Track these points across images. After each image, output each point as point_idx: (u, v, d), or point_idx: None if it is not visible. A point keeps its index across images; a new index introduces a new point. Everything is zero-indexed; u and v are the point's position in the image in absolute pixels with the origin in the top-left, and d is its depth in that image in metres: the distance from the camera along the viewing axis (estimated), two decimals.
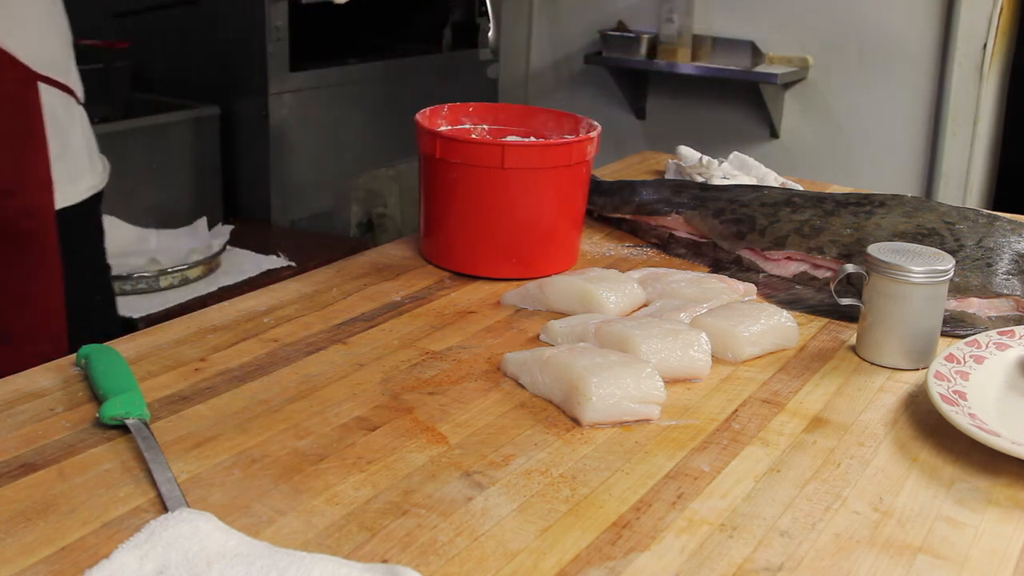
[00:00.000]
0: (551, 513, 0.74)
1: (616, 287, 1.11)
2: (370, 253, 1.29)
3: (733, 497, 0.78)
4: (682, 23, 3.40)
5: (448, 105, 1.33)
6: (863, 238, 1.19)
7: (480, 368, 0.98)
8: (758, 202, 1.32)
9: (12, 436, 0.81)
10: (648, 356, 0.94)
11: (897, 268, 0.98)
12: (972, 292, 1.11)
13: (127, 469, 0.77)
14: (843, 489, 0.79)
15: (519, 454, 0.82)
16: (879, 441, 0.87)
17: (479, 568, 0.68)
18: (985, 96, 3.09)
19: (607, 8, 3.60)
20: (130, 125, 2.47)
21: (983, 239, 1.18)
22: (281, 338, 1.03)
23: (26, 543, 0.68)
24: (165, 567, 0.63)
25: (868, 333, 1.03)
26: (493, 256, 1.21)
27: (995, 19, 3.03)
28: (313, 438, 0.84)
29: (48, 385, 0.90)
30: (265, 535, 0.70)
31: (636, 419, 0.88)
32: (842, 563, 0.70)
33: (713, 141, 3.14)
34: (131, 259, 2.27)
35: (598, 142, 1.24)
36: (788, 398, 0.94)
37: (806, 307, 1.15)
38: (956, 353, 0.97)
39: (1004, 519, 0.77)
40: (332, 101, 2.97)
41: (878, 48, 3.20)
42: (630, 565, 0.69)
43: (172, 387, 0.91)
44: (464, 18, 3.42)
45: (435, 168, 1.21)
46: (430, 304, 1.14)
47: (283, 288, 1.16)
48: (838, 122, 3.33)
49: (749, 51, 3.30)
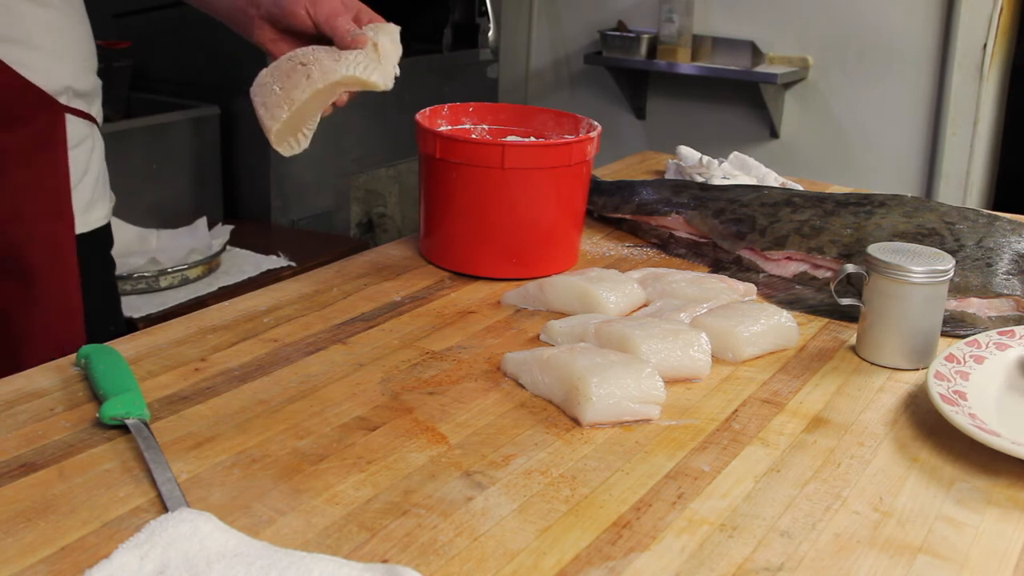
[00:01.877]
0: (551, 513, 0.74)
1: (616, 287, 1.11)
2: (370, 253, 1.29)
3: (733, 497, 0.78)
4: (682, 23, 3.40)
5: (448, 105, 1.33)
6: (863, 238, 1.19)
7: (480, 368, 0.98)
8: (758, 202, 1.32)
9: (12, 436, 0.81)
10: (648, 356, 0.95)
11: (897, 268, 0.98)
12: (972, 292, 1.11)
13: (127, 469, 0.77)
14: (843, 489, 0.79)
15: (519, 454, 0.82)
16: (879, 441, 0.87)
17: (479, 568, 0.68)
18: (985, 96, 3.09)
19: (607, 8, 3.60)
20: (130, 125, 2.47)
21: (983, 239, 1.18)
22: (281, 338, 1.03)
23: (26, 543, 0.68)
24: (165, 567, 0.63)
25: (868, 333, 1.03)
26: (493, 256, 1.21)
27: (995, 19, 3.03)
28: (313, 438, 0.84)
29: (48, 385, 0.90)
30: (265, 535, 0.70)
31: (636, 419, 0.88)
32: (842, 563, 0.70)
33: (713, 141, 3.14)
34: (131, 259, 2.27)
35: (598, 142, 1.24)
36: (788, 398, 0.94)
37: (806, 307, 1.15)
38: (956, 353, 0.97)
39: (1004, 519, 0.77)
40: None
41: (878, 48, 3.20)
42: (630, 565, 0.69)
43: (172, 387, 0.91)
44: (464, 18, 3.42)
45: (435, 168, 1.21)
46: (430, 304, 1.14)
47: (283, 288, 1.16)
48: (838, 122, 3.33)
49: (749, 51, 3.30)
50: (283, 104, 1.05)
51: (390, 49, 1.08)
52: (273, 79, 1.06)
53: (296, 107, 1.05)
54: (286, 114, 1.05)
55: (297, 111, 1.06)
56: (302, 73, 1.05)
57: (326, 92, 1.06)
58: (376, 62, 1.06)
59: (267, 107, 1.06)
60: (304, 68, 1.05)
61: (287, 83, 1.05)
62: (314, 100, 1.06)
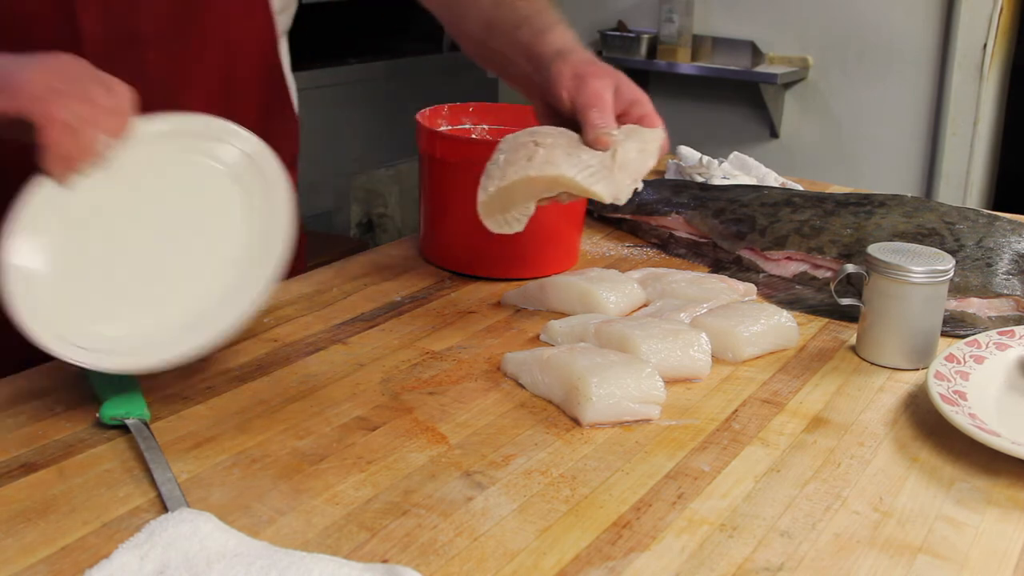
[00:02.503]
0: (551, 513, 0.74)
1: (616, 287, 1.11)
2: (370, 253, 1.29)
3: (733, 497, 0.78)
4: (682, 23, 3.40)
5: (448, 105, 1.33)
6: (863, 238, 1.19)
7: (480, 368, 0.98)
8: (758, 202, 1.32)
9: (12, 436, 0.81)
10: (648, 356, 0.94)
11: (897, 268, 0.98)
12: (972, 292, 1.11)
13: (127, 469, 0.77)
14: (843, 489, 0.79)
15: (519, 454, 0.82)
16: (879, 441, 0.87)
17: (479, 568, 0.68)
18: (985, 96, 3.10)
19: (607, 8, 3.60)
20: None
21: (983, 239, 1.18)
22: (281, 338, 1.03)
23: (26, 543, 0.68)
24: (165, 567, 0.63)
25: (868, 333, 1.03)
26: (493, 256, 1.21)
27: (995, 19, 3.03)
28: (313, 438, 0.84)
29: (48, 385, 0.90)
30: (265, 535, 0.70)
31: (636, 419, 0.88)
32: (842, 563, 0.70)
33: (713, 141, 3.14)
34: None
35: None
36: (788, 398, 0.94)
37: (806, 307, 1.15)
38: (956, 353, 0.97)
39: (1004, 519, 0.77)
40: (332, 101, 2.97)
41: (878, 48, 3.20)
42: (630, 565, 0.69)
43: (172, 387, 0.91)
44: None
45: (435, 168, 1.21)
46: (430, 304, 1.14)
47: (283, 288, 1.16)
48: (838, 122, 3.33)
49: (749, 51, 3.30)
50: (495, 177, 0.95)
51: (634, 159, 0.96)
52: (506, 147, 0.97)
53: (505, 185, 0.95)
54: (494, 188, 0.95)
55: (506, 189, 0.95)
56: (528, 153, 0.94)
57: (542, 183, 0.95)
58: (609, 170, 0.94)
59: (487, 173, 0.97)
60: (533, 148, 0.94)
61: (512, 157, 0.95)
62: (527, 185, 0.95)
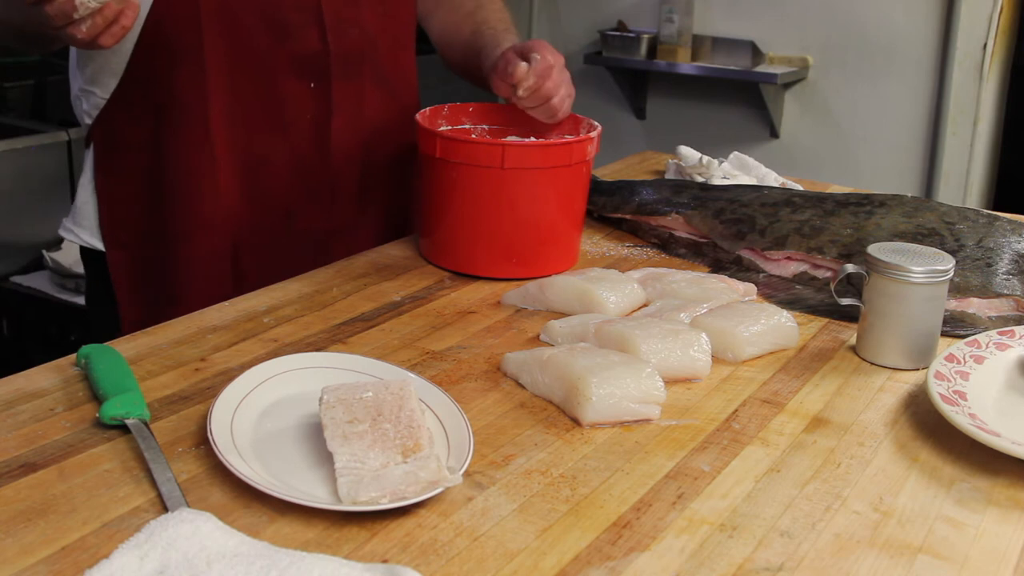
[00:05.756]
0: (551, 513, 0.74)
1: (616, 287, 1.11)
2: (370, 253, 1.29)
3: (733, 497, 0.78)
4: (682, 23, 3.40)
5: (448, 105, 1.33)
6: (863, 238, 1.19)
7: (480, 368, 0.98)
8: (758, 202, 1.32)
9: (12, 436, 0.81)
10: (648, 356, 0.94)
11: (897, 268, 0.98)
12: (972, 292, 1.11)
13: (127, 469, 0.77)
14: (843, 489, 0.79)
15: (519, 454, 0.82)
16: (879, 441, 0.87)
17: (479, 568, 0.68)
18: (985, 96, 3.10)
19: (607, 8, 3.60)
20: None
21: (983, 239, 1.18)
22: (281, 338, 1.03)
23: (26, 543, 0.68)
24: (165, 567, 0.63)
25: (868, 333, 1.03)
26: (493, 256, 1.21)
27: (995, 19, 3.03)
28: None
29: (48, 385, 0.90)
30: (265, 535, 0.70)
31: (636, 419, 0.88)
32: (842, 563, 0.70)
33: (713, 141, 3.14)
34: None
35: (598, 142, 1.24)
36: (788, 398, 0.94)
37: (806, 307, 1.15)
38: (956, 353, 0.97)
39: (1004, 519, 0.77)
40: None
41: (878, 48, 3.20)
42: (630, 565, 0.69)
43: (172, 387, 0.91)
44: None
45: (435, 168, 1.21)
46: (430, 304, 1.14)
47: (283, 288, 1.16)
48: (838, 122, 3.33)
49: (749, 51, 3.30)
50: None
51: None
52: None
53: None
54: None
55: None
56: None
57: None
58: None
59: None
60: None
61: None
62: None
